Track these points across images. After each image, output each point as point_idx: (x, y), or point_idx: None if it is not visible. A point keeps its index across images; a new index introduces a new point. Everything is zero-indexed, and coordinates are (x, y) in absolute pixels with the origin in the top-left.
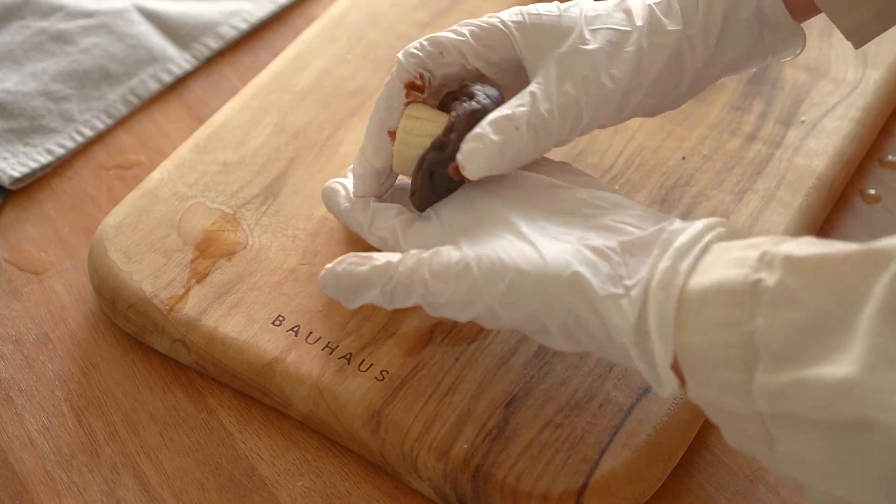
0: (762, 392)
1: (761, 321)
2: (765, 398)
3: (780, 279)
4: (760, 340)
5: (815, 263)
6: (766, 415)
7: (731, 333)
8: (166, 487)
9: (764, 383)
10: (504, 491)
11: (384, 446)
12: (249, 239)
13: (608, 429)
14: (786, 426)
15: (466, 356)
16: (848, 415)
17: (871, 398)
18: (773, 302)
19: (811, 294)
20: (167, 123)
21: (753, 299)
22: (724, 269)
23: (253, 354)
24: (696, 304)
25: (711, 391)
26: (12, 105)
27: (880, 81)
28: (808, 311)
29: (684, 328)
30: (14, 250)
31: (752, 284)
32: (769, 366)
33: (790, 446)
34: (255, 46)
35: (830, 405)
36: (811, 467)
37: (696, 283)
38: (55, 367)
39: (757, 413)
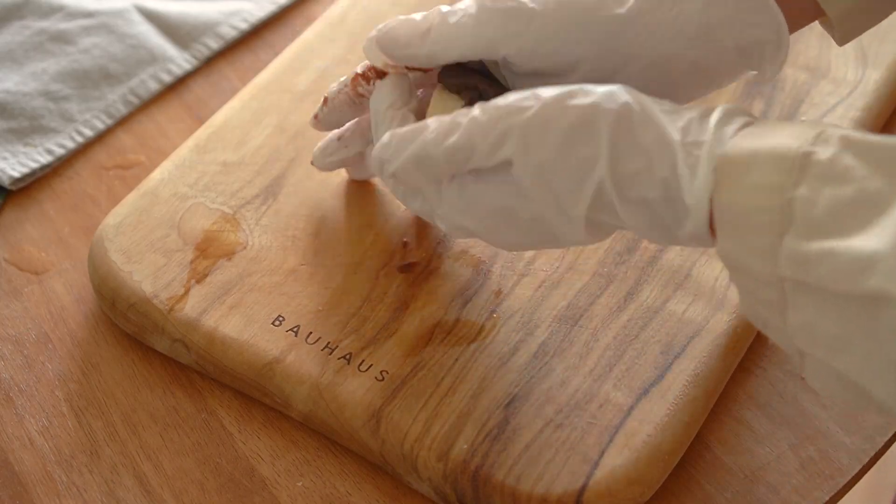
0: (788, 257)
1: (804, 190)
2: (789, 263)
3: (833, 155)
4: (799, 208)
5: (871, 146)
6: (787, 280)
7: (771, 197)
8: (166, 487)
9: (792, 249)
10: (504, 491)
11: (384, 446)
12: (249, 239)
13: (608, 429)
14: (804, 293)
15: (466, 356)
16: (867, 288)
17: (893, 274)
18: (821, 175)
19: (861, 173)
20: (167, 123)
21: (802, 169)
22: (779, 138)
23: (253, 354)
24: (743, 164)
25: (740, 250)
26: (12, 105)
27: (880, 81)
28: (853, 188)
29: (726, 184)
30: (14, 250)
31: (804, 155)
32: (802, 232)
33: (804, 315)
34: (255, 46)
35: (852, 277)
36: (819, 338)
37: (746, 145)
38: (55, 367)
39: (778, 278)
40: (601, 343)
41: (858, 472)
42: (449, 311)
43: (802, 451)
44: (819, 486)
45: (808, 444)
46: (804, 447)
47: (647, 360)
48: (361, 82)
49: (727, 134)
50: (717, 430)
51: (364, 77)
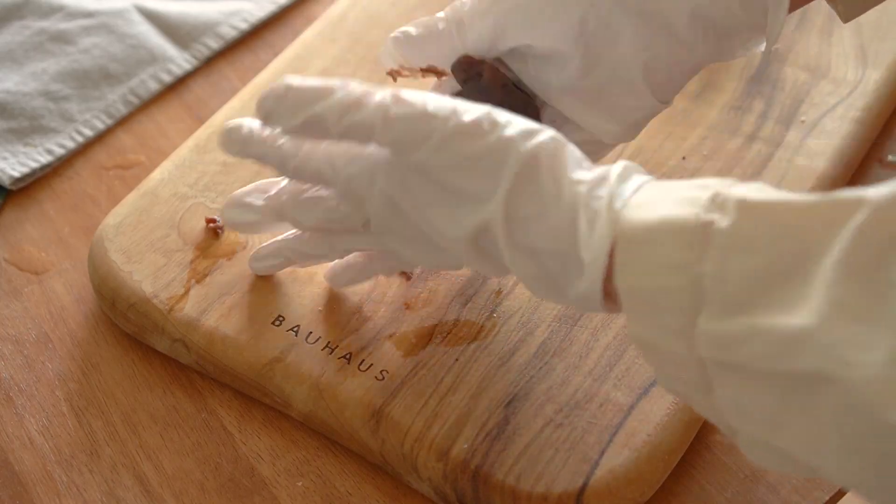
0: (707, 338)
1: (711, 265)
2: (709, 344)
3: (733, 222)
4: (709, 285)
5: (771, 210)
6: (707, 361)
7: (677, 276)
8: (166, 487)
9: (709, 329)
10: (504, 491)
11: (384, 446)
12: (249, 239)
13: (608, 429)
14: (730, 373)
15: (466, 356)
16: (802, 367)
17: (828, 351)
18: (726, 246)
19: (767, 241)
20: (167, 123)
21: (703, 241)
22: (671, 207)
23: (253, 354)
24: (640, 242)
25: (651, 332)
26: (12, 105)
27: (880, 81)
28: (763, 258)
29: (629, 266)
30: (14, 250)
31: (703, 225)
32: (717, 311)
33: (731, 394)
34: (255, 46)
35: (783, 356)
36: (753, 417)
37: (639, 217)
38: (55, 367)
39: (698, 358)
40: (601, 343)
41: None
42: (449, 311)
43: None
44: (819, 485)
45: None
46: None
47: None
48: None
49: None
50: (717, 430)
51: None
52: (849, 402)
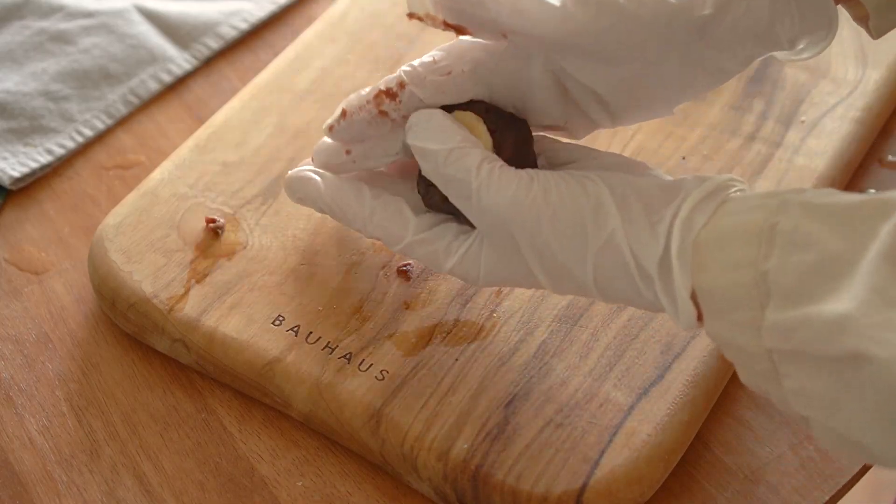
0: (771, 329)
1: (775, 261)
2: (773, 335)
3: (795, 223)
4: (773, 280)
5: (829, 209)
6: (774, 351)
7: (745, 273)
8: (166, 487)
9: (773, 321)
10: (504, 491)
11: (384, 446)
12: (249, 239)
13: (608, 429)
14: (791, 362)
15: (466, 356)
16: (845, 349)
17: (866, 333)
18: (787, 244)
19: (822, 237)
20: (167, 123)
21: (769, 241)
22: (744, 214)
23: (253, 354)
24: (715, 245)
25: (726, 328)
26: (12, 105)
27: (880, 81)
28: (818, 253)
29: (703, 267)
30: (14, 250)
31: (770, 227)
32: (779, 304)
33: (795, 382)
34: (255, 46)
35: (829, 339)
36: (813, 401)
37: (715, 225)
38: (55, 367)
39: (766, 350)
40: (601, 343)
41: (858, 472)
42: (449, 311)
43: (802, 451)
44: (819, 486)
45: (808, 444)
46: (804, 447)
47: (647, 360)
48: (385, 100)
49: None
50: (717, 430)
51: (389, 94)
52: (884, 377)
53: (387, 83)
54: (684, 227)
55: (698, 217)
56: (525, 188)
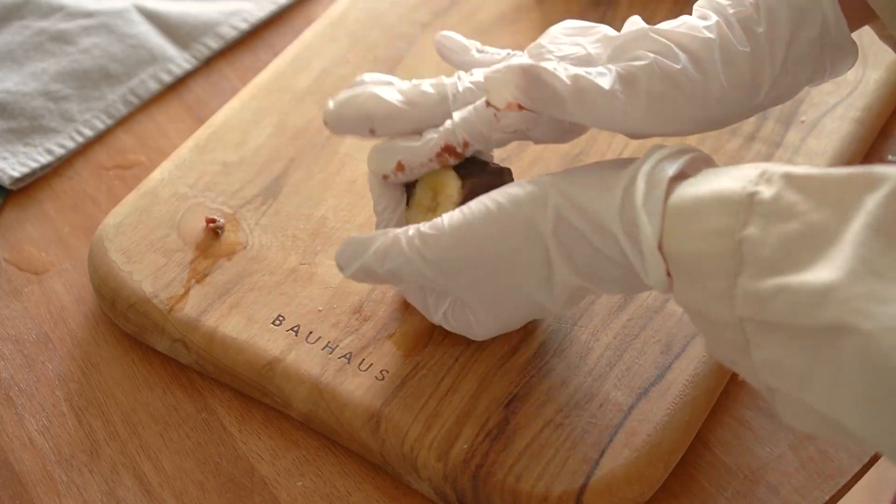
0: (744, 298)
1: (753, 230)
2: (746, 304)
3: (776, 192)
4: (749, 248)
5: (813, 181)
6: (746, 320)
7: (720, 241)
8: (166, 487)
9: (747, 289)
10: (504, 491)
11: (384, 446)
12: (249, 239)
13: (608, 429)
14: (764, 332)
15: (466, 356)
16: (826, 319)
17: (850, 304)
18: (768, 213)
19: (804, 208)
20: (167, 123)
21: (748, 209)
22: (722, 182)
23: (253, 354)
24: (690, 211)
25: (697, 296)
26: (12, 105)
27: (880, 81)
28: (800, 223)
29: (675, 233)
30: (14, 250)
31: (749, 195)
32: (754, 272)
33: (767, 353)
34: (255, 46)
35: (809, 310)
36: (785, 373)
37: (690, 192)
38: (55, 367)
39: (737, 319)
40: (601, 343)
41: (858, 471)
42: None
43: (802, 451)
44: (819, 486)
45: (808, 444)
46: (804, 447)
47: (647, 360)
48: (449, 158)
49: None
50: (717, 430)
51: (453, 154)
52: (867, 351)
53: (448, 140)
54: (650, 177)
55: (667, 167)
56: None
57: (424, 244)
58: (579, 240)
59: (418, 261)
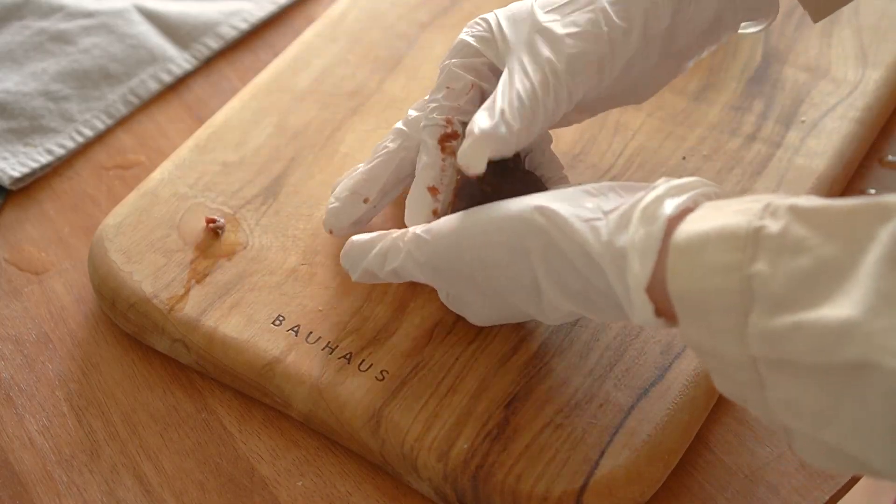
0: (757, 336)
1: (762, 266)
2: (760, 342)
3: (784, 226)
4: (759, 285)
5: (820, 213)
6: (759, 360)
7: (729, 277)
8: (166, 487)
9: (760, 327)
10: (504, 491)
11: (384, 446)
12: (249, 239)
13: (608, 429)
14: (780, 371)
15: (466, 356)
16: (847, 357)
17: (873, 340)
18: (776, 248)
19: (816, 241)
20: (167, 123)
21: (755, 244)
22: (725, 217)
23: (253, 354)
24: (694, 248)
25: (705, 335)
26: (12, 105)
27: (880, 81)
28: (811, 258)
29: (680, 271)
30: (14, 250)
31: (755, 230)
32: (767, 310)
33: (783, 392)
34: (255, 46)
35: (829, 348)
36: (804, 413)
37: (694, 228)
38: (55, 367)
39: (750, 358)
40: (601, 343)
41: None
42: (449, 311)
43: None
44: (819, 485)
45: None
46: None
47: (647, 360)
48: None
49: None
50: (717, 430)
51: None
52: (893, 388)
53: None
54: (645, 213)
55: (667, 205)
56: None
57: (417, 248)
58: (569, 267)
59: (412, 264)
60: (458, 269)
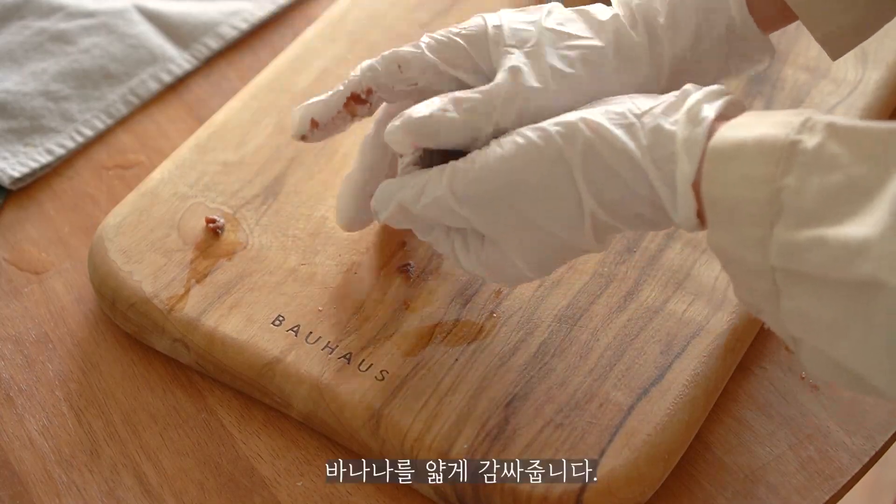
0: (779, 247)
1: (792, 180)
2: (780, 253)
3: (819, 143)
4: (787, 198)
5: (857, 133)
6: (778, 270)
7: (760, 188)
8: (166, 487)
9: (782, 239)
10: (504, 491)
11: (384, 446)
12: (249, 239)
13: (608, 429)
14: (796, 283)
15: (466, 356)
16: (860, 274)
17: (885, 261)
18: (808, 163)
19: (847, 160)
20: (167, 123)
21: (788, 158)
22: (765, 128)
23: (253, 354)
24: (729, 155)
25: (730, 241)
26: (12, 105)
27: (880, 81)
28: (841, 176)
29: (716, 176)
30: (14, 250)
31: (791, 144)
32: (792, 222)
33: (797, 303)
34: (255, 46)
35: (844, 264)
36: (815, 326)
37: (732, 135)
38: (55, 367)
39: (769, 268)
40: (601, 343)
41: (858, 471)
42: (449, 311)
43: (802, 451)
44: (819, 486)
45: (808, 444)
46: (804, 447)
47: (647, 360)
48: (357, 107)
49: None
50: (717, 430)
51: (359, 101)
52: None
53: (353, 88)
54: (690, 115)
55: (706, 108)
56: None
57: (455, 178)
58: (608, 173)
59: (449, 197)
60: (496, 200)
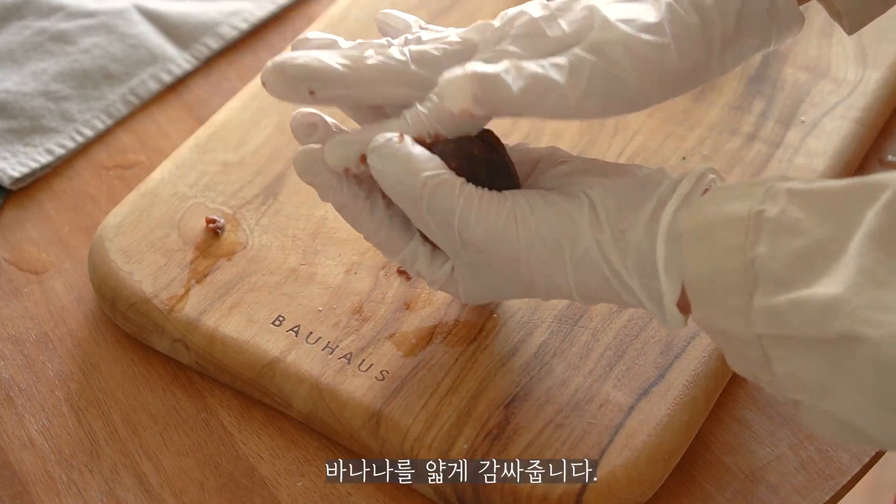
0: (760, 314)
1: (763, 248)
2: (763, 320)
3: (781, 209)
4: (761, 266)
5: (815, 195)
6: (763, 336)
7: (733, 260)
8: (166, 487)
9: (762, 306)
10: (504, 491)
11: (384, 446)
12: (249, 239)
13: (608, 429)
14: (782, 346)
15: (466, 356)
16: (836, 330)
17: (857, 314)
18: (775, 230)
19: (810, 223)
20: (167, 123)
21: (756, 228)
22: (729, 203)
23: (253, 354)
24: (702, 233)
25: (715, 316)
26: (12, 105)
27: (880, 81)
28: (807, 238)
29: (689, 257)
30: (14, 250)
31: (756, 214)
32: (769, 288)
33: (788, 366)
34: (255, 46)
35: (820, 322)
36: (806, 384)
37: (699, 214)
38: (55, 367)
39: (756, 335)
40: (601, 343)
41: (858, 472)
42: (449, 312)
43: (802, 451)
44: (819, 486)
45: (808, 444)
46: (804, 447)
47: (647, 360)
48: None
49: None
50: (717, 430)
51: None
52: (877, 357)
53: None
54: (670, 234)
55: (680, 224)
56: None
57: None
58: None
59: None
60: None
